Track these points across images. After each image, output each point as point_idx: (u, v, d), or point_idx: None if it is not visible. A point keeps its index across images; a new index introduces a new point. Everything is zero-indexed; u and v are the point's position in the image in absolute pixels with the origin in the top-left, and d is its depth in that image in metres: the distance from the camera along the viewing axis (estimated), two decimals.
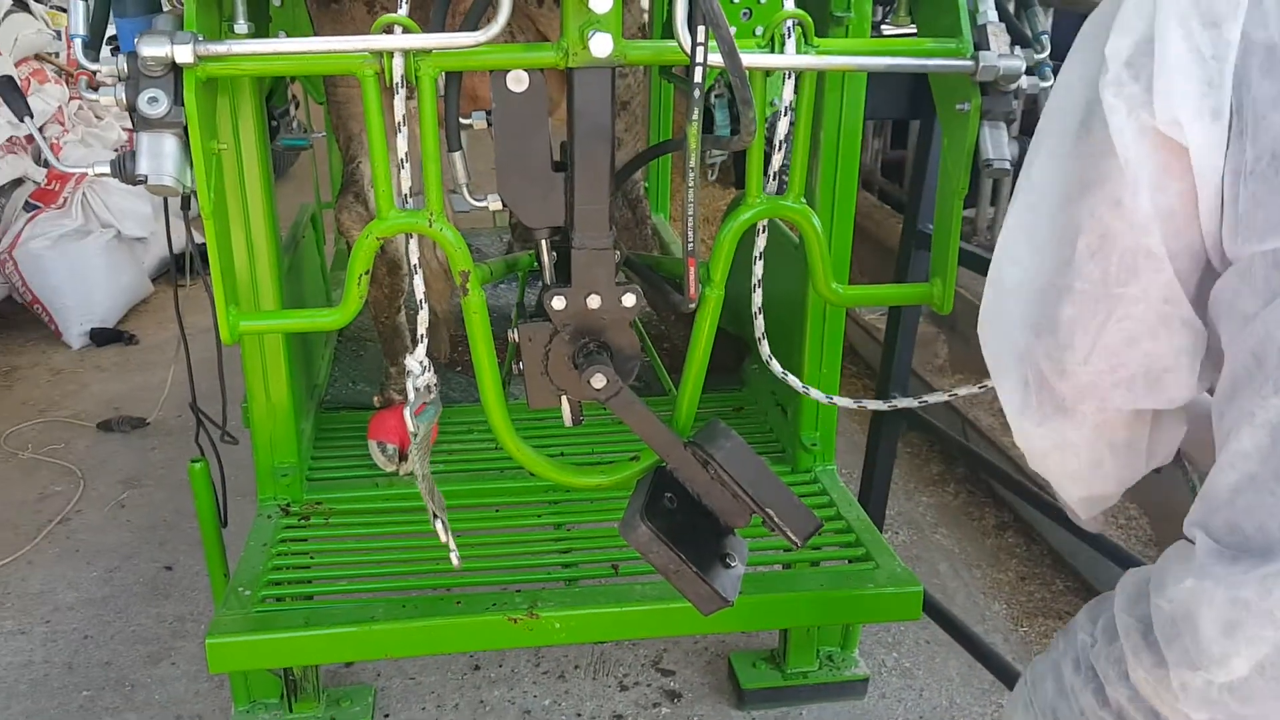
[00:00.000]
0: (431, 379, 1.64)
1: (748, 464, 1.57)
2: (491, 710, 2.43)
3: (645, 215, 2.84)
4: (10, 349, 4.39)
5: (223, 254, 1.55)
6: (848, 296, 1.70)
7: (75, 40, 1.42)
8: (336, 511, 2.30)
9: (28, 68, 4.75)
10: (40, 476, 3.40)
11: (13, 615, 2.74)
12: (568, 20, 1.40)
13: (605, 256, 1.53)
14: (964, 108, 1.54)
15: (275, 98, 2.57)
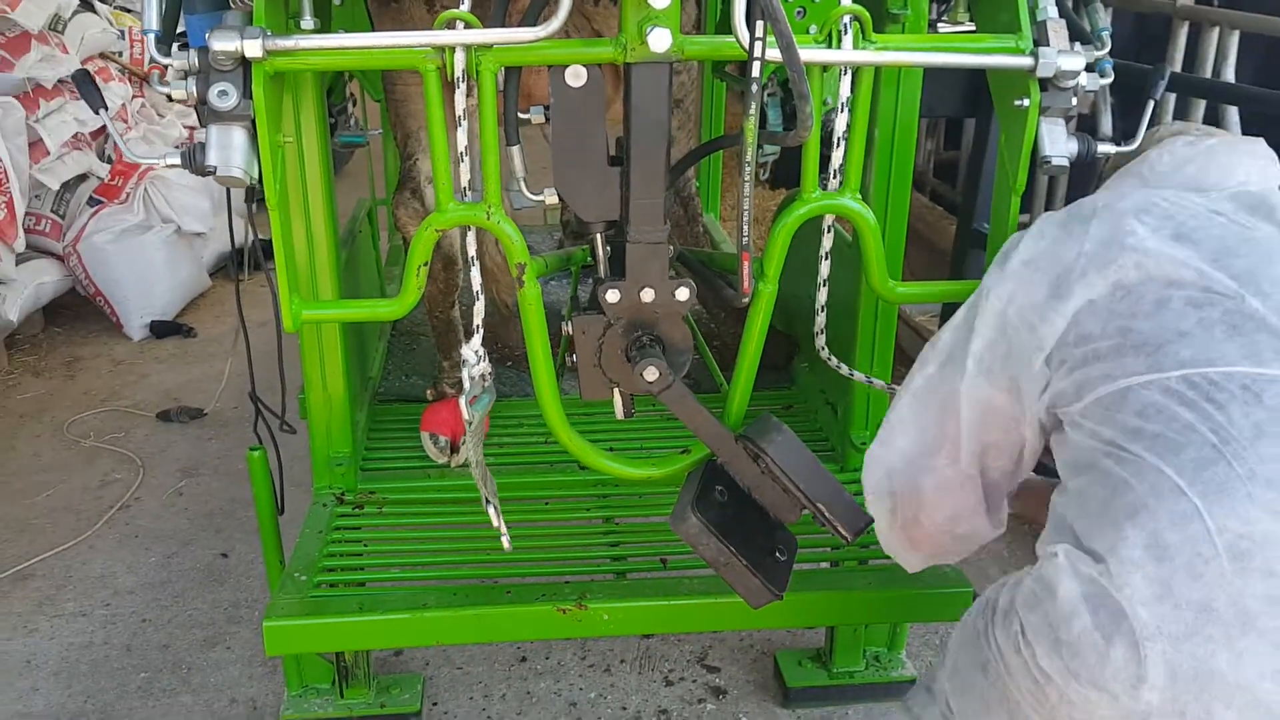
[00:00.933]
0: (486, 368, 1.66)
1: (799, 458, 1.57)
2: (538, 701, 2.45)
3: (697, 213, 2.85)
4: (74, 340, 4.50)
5: (286, 244, 1.58)
6: (902, 294, 1.70)
7: (148, 36, 1.46)
8: (389, 501, 2.34)
9: (92, 66, 4.86)
10: (101, 464, 3.48)
11: (74, 598, 2.81)
12: (627, 15, 1.41)
13: (659, 250, 1.54)
14: (1022, 104, 1.54)
15: (333, 95, 2.62)
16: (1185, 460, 1.15)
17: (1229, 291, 1.21)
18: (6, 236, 4.11)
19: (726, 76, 2.78)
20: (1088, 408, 1.26)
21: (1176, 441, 1.16)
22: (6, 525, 3.13)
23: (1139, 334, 1.22)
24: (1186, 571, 1.11)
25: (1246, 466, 1.12)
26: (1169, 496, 1.14)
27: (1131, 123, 1.60)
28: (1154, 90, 1.67)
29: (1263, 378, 1.15)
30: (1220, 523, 1.11)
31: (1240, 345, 1.17)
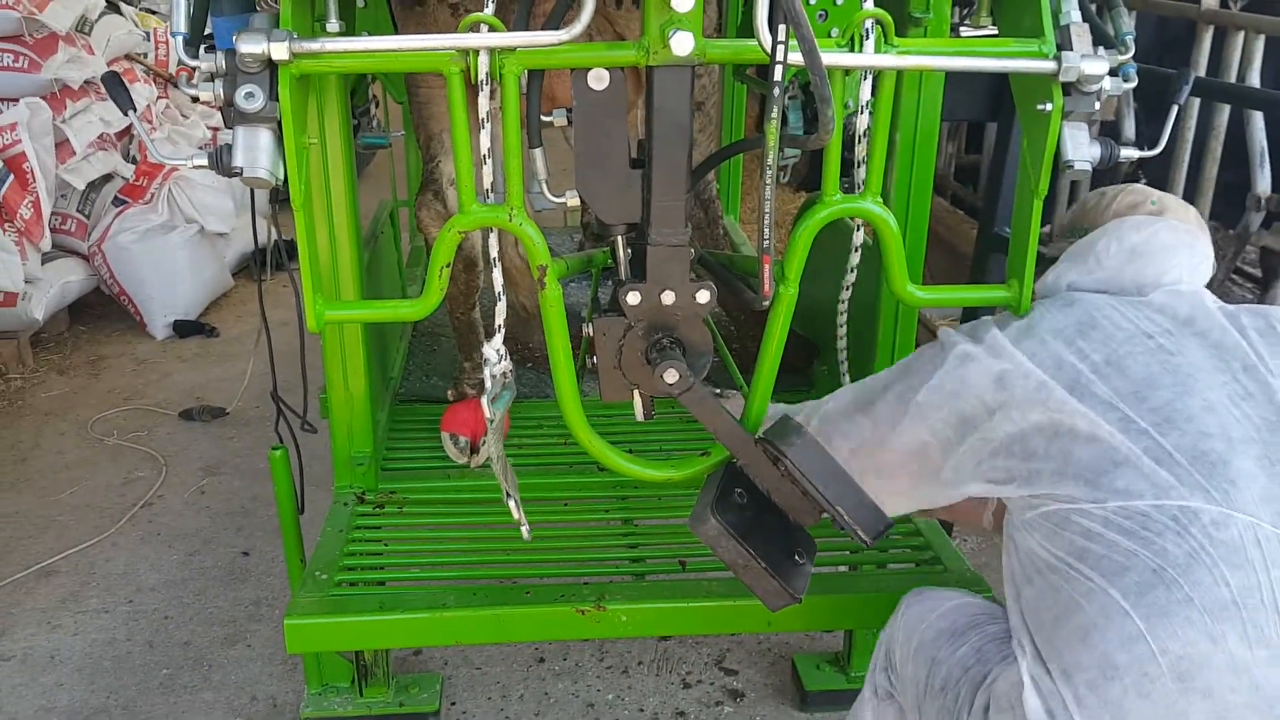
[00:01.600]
0: (507, 366, 1.67)
1: (818, 461, 1.58)
2: (555, 702, 2.45)
3: (718, 215, 2.86)
4: (98, 339, 4.54)
5: (309, 245, 1.60)
6: (923, 298, 1.69)
7: (176, 38, 1.47)
8: (410, 501, 2.36)
9: (118, 67, 4.92)
10: (125, 462, 3.52)
11: (98, 594, 2.84)
12: (649, 19, 1.42)
13: (680, 253, 1.55)
14: (1045, 108, 1.53)
15: (356, 97, 2.64)
16: (1129, 583, 1.26)
17: (1150, 428, 1.33)
18: (33, 236, 4.16)
19: (747, 79, 2.78)
20: (1035, 519, 1.38)
21: (1120, 564, 1.28)
22: (31, 522, 3.17)
23: (1079, 462, 1.34)
24: (1135, 690, 1.23)
25: (1183, 591, 1.23)
26: (1116, 618, 1.25)
27: (1155, 128, 1.59)
28: (1178, 95, 1.66)
29: (1188, 509, 1.27)
30: (1163, 644, 1.23)
31: (1164, 479, 1.29)
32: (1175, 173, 4.14)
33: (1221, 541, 1.25)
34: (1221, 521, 1.26)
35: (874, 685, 1.73)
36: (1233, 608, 1.22)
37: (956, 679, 1.47)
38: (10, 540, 3.08)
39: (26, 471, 3.46)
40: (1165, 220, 1.62)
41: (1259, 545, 1.25)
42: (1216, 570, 1.24)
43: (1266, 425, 1.34)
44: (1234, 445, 1.31)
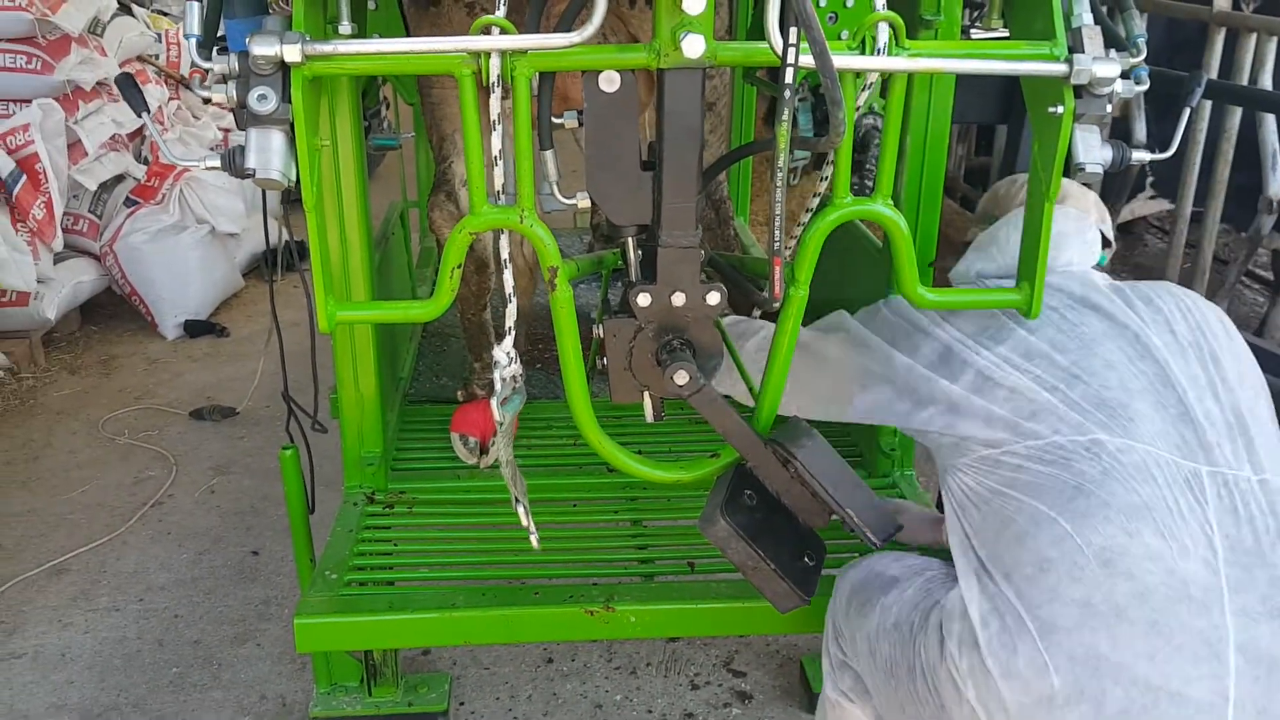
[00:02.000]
0: (517, 369, 1.67)
1: (829, 463, 1.58)
2: (563, 703, 2.46)
3: (728, 216, 2.85)
4: (109, 339, 4.56)
5: (321, 246, 1.60)
6: (933, 300, 1.69)
7: (189, 40, 1.48)
8: (419, 501, 2.36)
9: (130, 69, 4.94)
10: (135, 461, 3.53)
11: (108, 593, 2.85)
12: (660, 21, 1.42)
13: (691, 254, 1.55)
14: (1056, 111, 1.53)
15: (367, 99, 2.64)
16: (1054, 498, 1.46)
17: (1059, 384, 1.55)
18: (45, 236, 4.18)
19: (757, 81, 2.78)
20: (969, 464, 1.59)
21: (1045, 486, 1.48)
22: (43, 520, 3.18)
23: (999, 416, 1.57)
24: (1068, 577, 1.40)
25: (1100, 499, 1.43)
26: (1045, 524, 1.45)
27: (1165, 128, 1.59)
28: (1190, 98, 1.65)
29: (1097, 441, 1.48)
30: (1087, 538, 1.41)
31: (1075, 420, 1.51)
32: (1187, 175, 4.14)
33: (1128, 463, 1.46)
34: (1126, 449, 1.47)
35: (830, 661, 1.83)
36: (1144, 510, 1.42)
37: (908, 614, 1.58)
38: (22, 538, 3.09)
39: (38, 470, 3.48)
40: (1060, 208, 1.78)
41: (1160, 467, 1.46)
42: (1127, 483, 1.44)
43: (1158, 379, 1.56)
44: (1132, 394, 1.53)
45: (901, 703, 1.57)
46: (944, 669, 1.46)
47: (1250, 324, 4.56)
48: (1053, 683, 1.35)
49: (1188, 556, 1.39)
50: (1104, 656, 1.34)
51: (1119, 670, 1.34)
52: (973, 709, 1.42)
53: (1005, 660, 1.39)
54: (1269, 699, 1.32)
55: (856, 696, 1.79)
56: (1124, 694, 1.33)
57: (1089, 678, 1.34)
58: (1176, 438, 1.49)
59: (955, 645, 1.45)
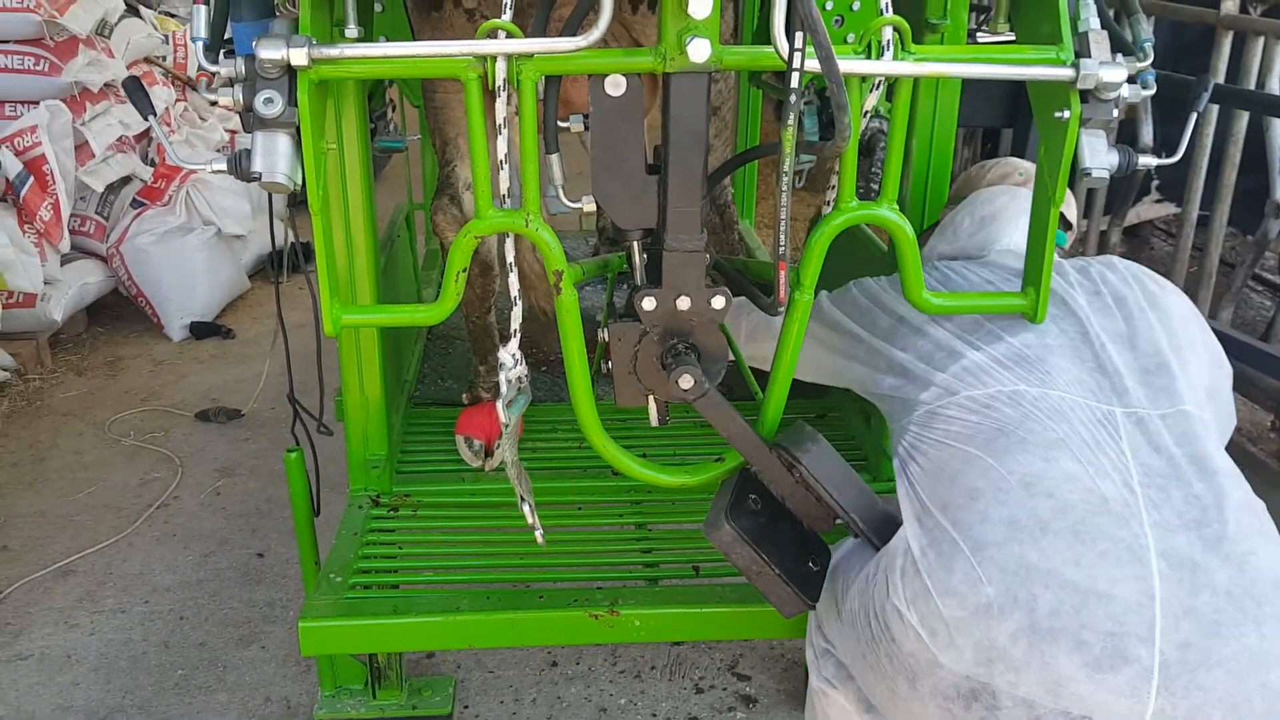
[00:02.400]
0: (522, 371, 1.67)
1: (833, 468, 1.58)
2: (568, 706, 2.46)
3: (733, 220, 2.86)
4: (116, 340, 4.57)
5: (327, 250, 1.60)
6: (938, 305, 1.68)
7: (197, 44, 1.48)
8: (424, 504, 2.36)
9: (137, 70, 4.95)
10: (141, 462, 3.54)
11: (114, 594, 2.86)
12: (666, 25, 1.42)
13: (696, 259, 1.55)
14: (1063, 116, 1.52)
15: (373, 101, 2.65)
16: (980, 440, 1.58)
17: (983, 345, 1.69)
18: (52, 237, 4.19)
19: (763, 84, 2.78)
20: (912, 422, 1.69)
21: (971, 433, 1.60)
22: (50, 521, 3.19)
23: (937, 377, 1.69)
24: (995, 501, 1.49)
25: (1019, 436, 1.55)
26: (974, 462, 1.56)
27: (1171, 130, 1.59)
28: (1197, 103, 1.65)
29: (1017, 392, 1.61)
30: (1009, 467, 1.52)
31: (997, 375, 1.64)
32: (1194, 179, 4.12)
33: (1044, 408, 1.58)
34: (1041, 397, 1.60)
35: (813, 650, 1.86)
36: (1060, 443, 1.53)
37: (870, 573, 1.63)
38: (29, 540, 3.10)
39: (45, 471, 3.49)
40: (1012, 190, 1.96)
41: (1074, 410, 1.58)
42: (1043, 423, 1.56)
43: (1078, 337, 1.69)
44: (1050, 350, 1.66)
45: (863, 652, 1.61)
46: (890, 604, 1.52)
47: (1257, 328, 4.54)
48: (987, 592, 1.42)
49: (1105, 478, 1.50)
50: (1033, 565, 1.42)
51: (1048, 576, 1.41)
52: (917, 632, 1.47)
53: (942, 579, 1.46)
54: (1193, 598, 1.38)
55: (839, 683, 1.82)
56: (1054, 597, 1.39)
57: (1019, 585, 1.41)
58: (1092, 384, 1.62)
59: (899, 577, 1.52)
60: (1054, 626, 1.38)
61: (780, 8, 1.37)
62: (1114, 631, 1.36)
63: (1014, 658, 1.39)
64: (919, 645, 1.47)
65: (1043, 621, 1.38)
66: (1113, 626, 1.37)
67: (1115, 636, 1.36)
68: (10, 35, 4.27)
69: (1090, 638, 1.36)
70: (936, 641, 1.45)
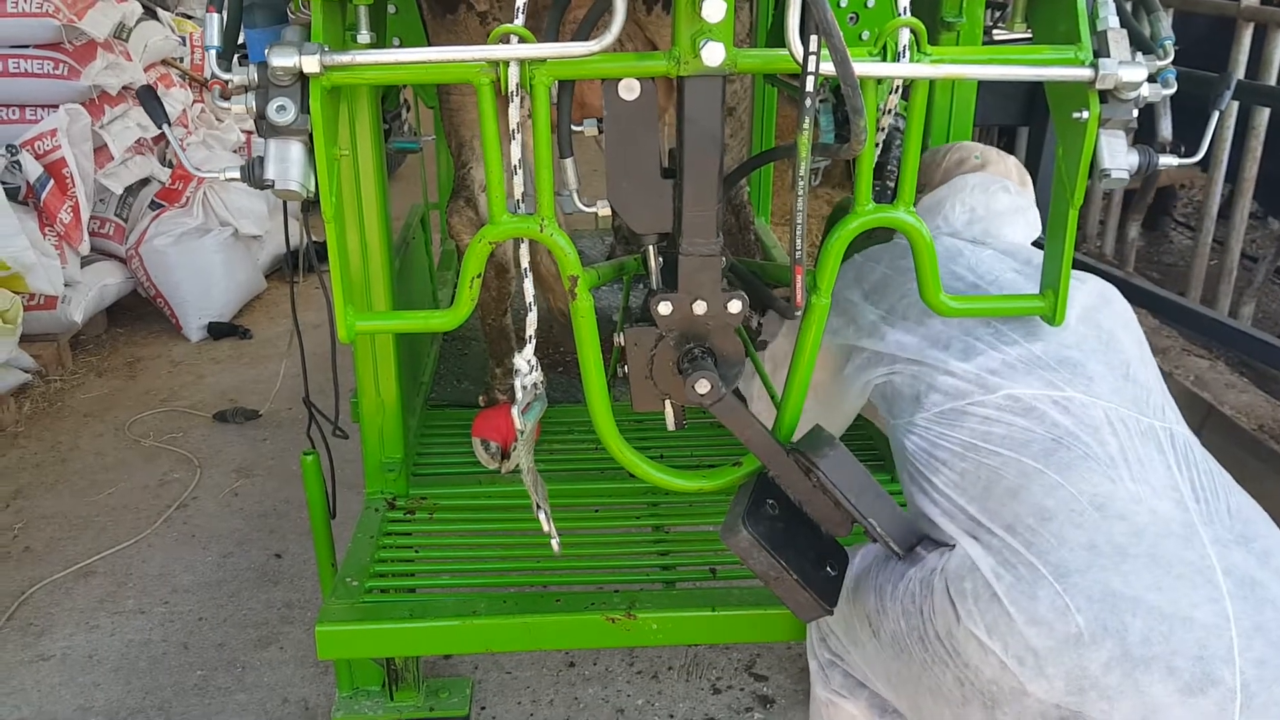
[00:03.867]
0: (538, 376, 1.67)
1: (851, 472, 1.56)
2: (585, 707, 2.46)
3: (749, 221, 2.84)
4: (134, 341, 4.60)
5: (341, 257, 1.60)
6: (955, 308, 1.67)
7: (210, 51, 1.48)
8: (440, 507, 2.36)
9: (155, 73, 4.98)
10: (160, 463, 3.56)
11: (134, 595, 2.88)
12: (680, 29, 1.41)
13: (712, 262, 1.54)
14: (1081, 116, 1.50)
15: (387, 102, 2.65)
16: (1036, 450, 1.53)
17: (1021, 339, 1.64)
18: (72, 240, 4.22)
19: (779, 82, 2.77)
20: (929, 419, 1.63)
21: (1023, 439, 1.55)
22: (71, 522, 3.21)
23: (965, 369, 1.63)
24: (1070, 523, 1.46)
25: (1080, 450, 1.52)
26: (1035, 476, 1.51)
27: (1184, 129, 1.57)
28: (1219, 101, 1.62)
29: (1062, 397, 1.57)
30: (1078, 486, 1.49)
31: (1038, 377, 1.59)
32: (1214, 172, 4.08)
33: (1093, 418, 1.55)
34: (1090, 405, 1.56)
35: (817, 662, 1.86)
36: (1118, 458, 1.51)
37: (905, 587, 1.59)
38: (51, 540, 3.12)
39: (66, 472, 3.51)
40: (1000, 181, 1.94)
41: (1122, 422, 1.55)
42: (1097, 435, 1.53)
43: (1100, 342, 1.67)
44: (1087, 354, 1.63)
45: (917, 675, 1.58)
46: (962, 629, 1.48)
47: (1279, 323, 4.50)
48: (1077, 622, 1.40)
49: (1161, 498, 1.49)
50: (1118, 592, 1.40)
51: (1134, 603, 1.40)
52: (1000, 660, 1.44)
53: (1027, 607, 1.43)
54: (1259, 614, 1.40)
55: (848, 692, 1.82)
56: (1143, 624, 1.38)
57: (1109, 614, 1.40)
58: (1129, 395, 1.60)
59: (972, 603, 1.48)
60: (1146, 654, 1.37)
61: (795, 11, 1.36)
62: (1200, 655, 1.37)
63: (1107, 686, 1.38)
64: (1002, 673, 1.44)
65: (1135, 650, 1.38)
66: (1199, 650, 1.37)
67: (1202, 660, 1.36)
68: (30, 40, 4.29)
69: (1181, 663, 1.36)
70: (1024, 671, 1.42)
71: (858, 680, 1.79)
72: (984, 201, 1.92)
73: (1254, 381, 3.41)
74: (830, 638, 1.81)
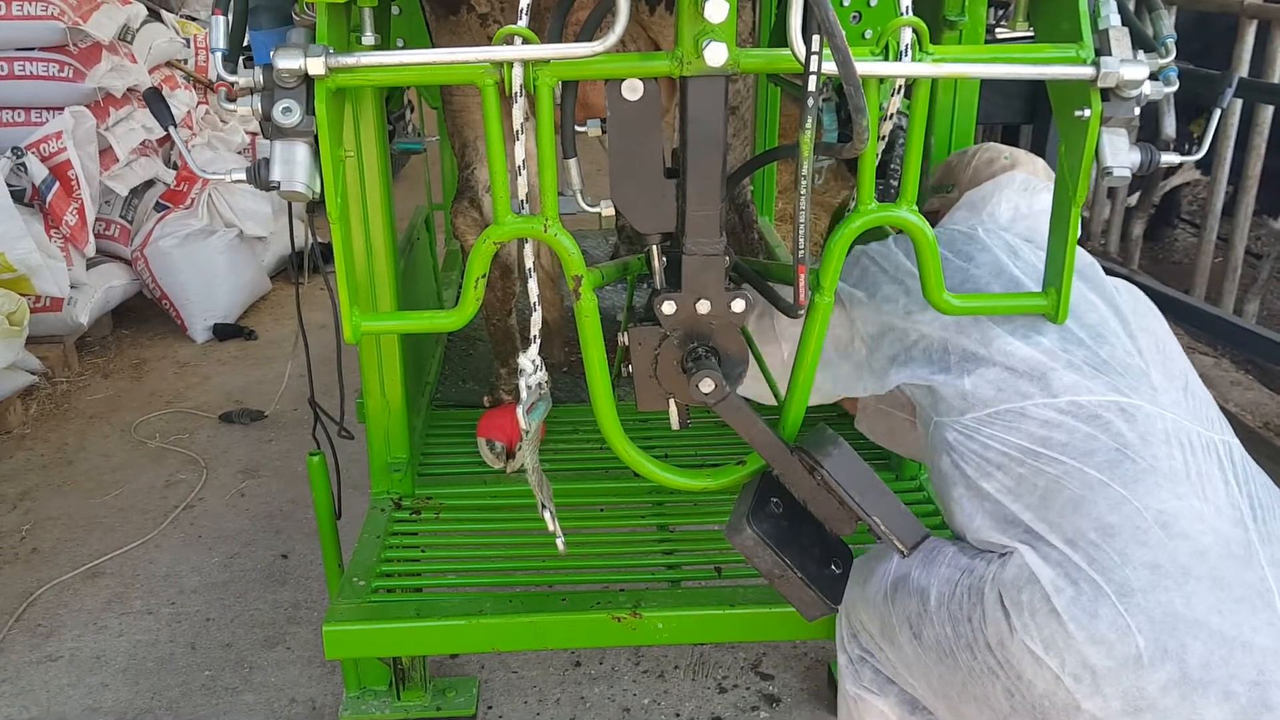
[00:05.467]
0: (543, 376, 1.68)
1: (855, 471, 1.57)
2: (591, 707, 2.46)
3: (752, 219, 2.85)
4: (140, 342, 4.61)
5: (346, 258, 1.61)
6: (958, 306, 1.67)
7: (215, 54, 1.48)
8: (446, 507, 2.37)
9: (159, 74, 4.99)
10: (167, 464, 3.57)
11: (141, 596, 2.89)
12: (683, 29, 1.41)
13: (715, 262, 1.54)
14: (1083, 115, 1.51)
15: (391, 102, 2.65)
16: (1100, 460, 1.48)
17: (1087, 339, 1.59)
18: (78, 242, 4.23)
19: (782, 81, 2.77)
20: (981, 419, 1.58)
21: (1086, 447, 1.50)
22: (78, 524, 3.23)
23: (1025, 368, 1.57)
24: (1134, 541, 1.43)
25: (1145, 463, 1.48)
26: (1099, 488, 1.47)
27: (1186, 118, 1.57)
28: (1221, 99, 1.63)
29: (1130, 404, 1.52)
30: (1144, 502, 1.45)
31: (1104, 381, 1.54)
32: (1218, 169, 4.08)
33: (1159, 429, 1.51)
34: (1155, 415, 1.52)
35: (846, 657, 1.83)
36: (1182, 474, 1.48)
37: (951, 592, 1.58)
38: (59, 542, 3.13)
39: (73, 474, 3.52)
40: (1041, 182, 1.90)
41: (1186, 436, 1.52)
42: (1163, 448, 1.49)
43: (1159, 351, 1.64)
44: (1149, 363, 1.59)
45: (963, 682, 1.56)
46: (1016, 641, 1.46)
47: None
48: (1137, 643, 1.39)
49: (1222, 517, 1.46)
50: (1180, 614, 1.39)
51: (1196, 626, 1.38)
52: (1055, 675, 1.43)
53: (1088, 625, 1.41)
54: None
55: (878, 689, 1.80)
56: (1204, 648, 1.37)
57: (1169, 636, 1.38)
58: (1190, 408, 1.57)
59: (1028, 616, 1.46)
60: (1205, 678, 1.37)
61: (797, 10, 1.37)
62: (1258, 681, 1.37)
63: (1164, 708, 1.38)
64: (1056, 689, 1.44)
65: (1194, 673, 1.37)
66: (1256, 675, 1.37)
67: (1260, 686, 1.36)
68: (35, 42, 4.31)
69: (1238, 688, 1.36)
70: (1080, 688, 1.42)
71: (887, 677, 1.78)
72: (1028, 201, 1.90)
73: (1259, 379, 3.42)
74: (862, 634, 1.79)
